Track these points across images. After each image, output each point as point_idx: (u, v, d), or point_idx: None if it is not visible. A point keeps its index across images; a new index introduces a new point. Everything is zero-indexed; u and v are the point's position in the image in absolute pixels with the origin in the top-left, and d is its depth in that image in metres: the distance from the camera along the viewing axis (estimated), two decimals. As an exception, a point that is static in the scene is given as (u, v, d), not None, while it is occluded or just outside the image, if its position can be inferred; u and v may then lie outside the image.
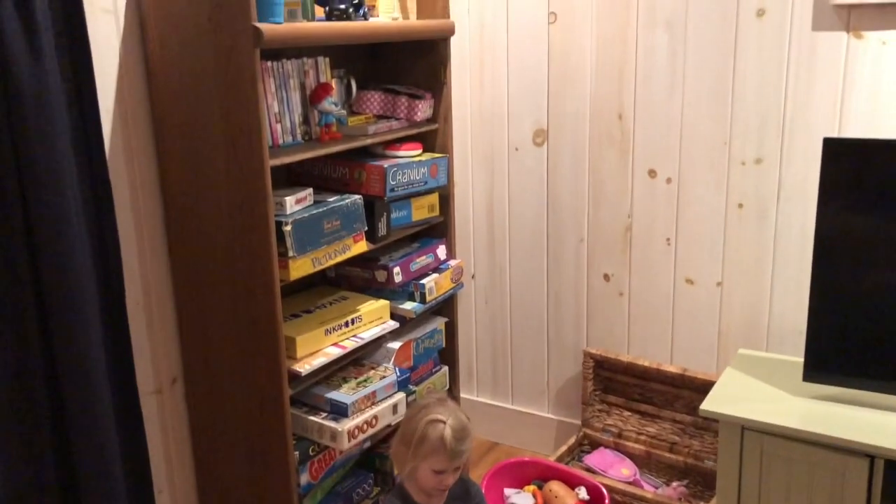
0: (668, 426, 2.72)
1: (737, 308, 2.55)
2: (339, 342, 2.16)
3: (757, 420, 2.10)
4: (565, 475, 2.62)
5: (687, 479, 2.62)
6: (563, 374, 2.95)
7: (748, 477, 2.16)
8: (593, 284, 2.81)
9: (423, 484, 2.03)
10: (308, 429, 2.10)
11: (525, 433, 3.02)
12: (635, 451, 2.75)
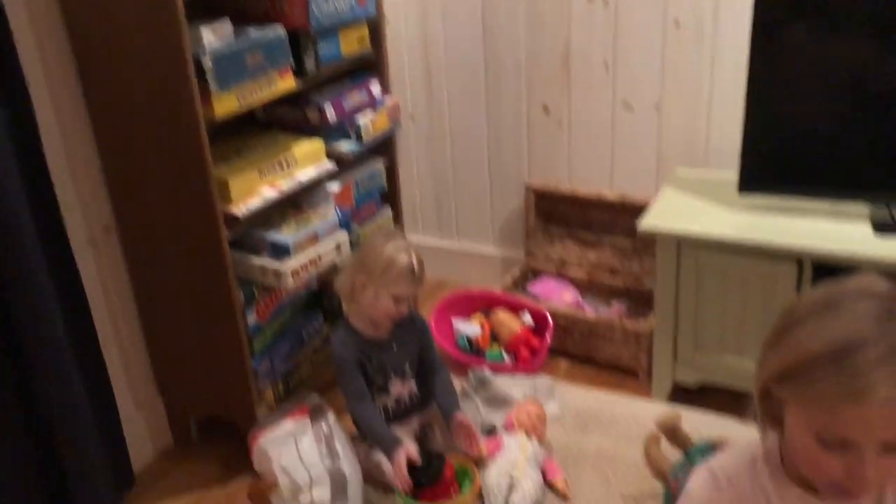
0: (609, 251, 2.79)
1: (675, 130, 2.56)
2: (275, 183, 2.11)
3: (692, 234, 2.16)
4: (511, 303, 2.69)
5: (627, 299, 2.71)
6: (505, 208, 2.97)
7: (685, 290, 2.24)
8: (533, 116, 2.77)
9: (378, 313, 2.07)
10: (251, 271, 2.09)
11: (471, 269, 3.07)
12: (578, 277, 2.83)
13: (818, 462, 0.90)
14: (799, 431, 0.91)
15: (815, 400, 0.87)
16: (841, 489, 0.91)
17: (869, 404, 0.83)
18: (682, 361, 2.33)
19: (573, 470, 2.14)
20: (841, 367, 0.84)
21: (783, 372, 0.91)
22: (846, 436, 0.86)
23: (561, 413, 2.35)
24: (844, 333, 0.86)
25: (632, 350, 2.51)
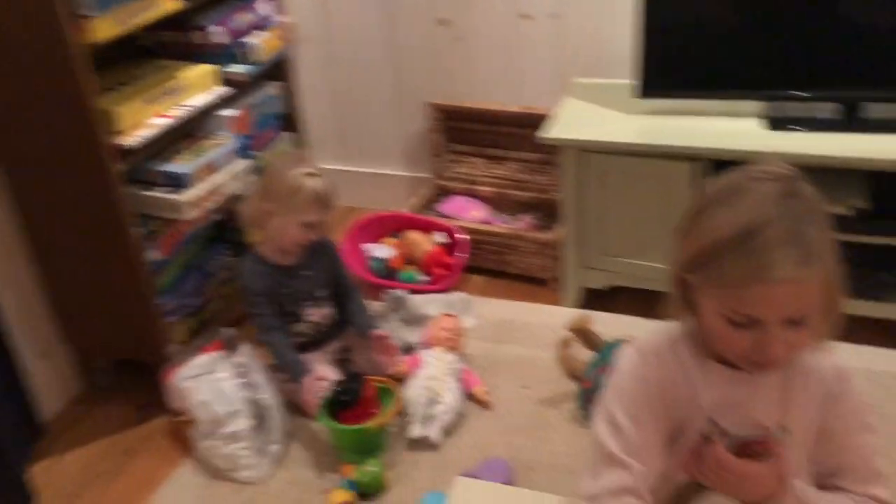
0: (516, 166, 2.80)
1: (574, 38, 2.55)
2: (165, 112, 2.01)
3: (593, 141, 2.18)
4: (421, 224, 2.68)
5: (536, 212, 2.74)
6: (410, 129, 2.93)
7: (589, 198, 2.28)
8: (432, 33, 2.72)
9: (287, 241, 2.02)
10: (148, 204, 2.00)
11: (379, 192, 3.03)
12: (486, 194, 2.84)
13: (730, 340, 0.95)
14: (711, 313, 0.95)
15: (724, 283, 0.91)
16: (753, 361, 0.96)
17: (772, 283, 0.87)
18: (591, 267, 2.39)
19: (492, 379, 2.19)
20: (746, 249, 0.88)
21: (694, 259, 0.94)
22: (753, 314, 0.90)
23: (477, 326, 2.38)
24: (748, 217, 0.89)
25: (542, 260, 2.55)
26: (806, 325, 0.92)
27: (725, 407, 1.02)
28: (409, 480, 1.90)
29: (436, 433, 1.98)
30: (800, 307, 0.90)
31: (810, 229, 0.89)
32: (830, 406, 1.02)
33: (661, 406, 1.03)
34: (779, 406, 1.02)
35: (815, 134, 2.08)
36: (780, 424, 1.02)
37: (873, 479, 1.03)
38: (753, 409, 1.01)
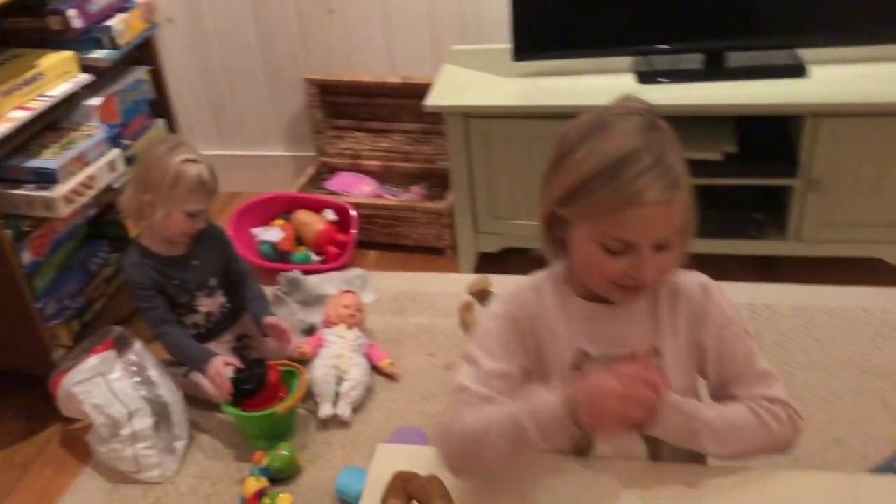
0: (400, 138, 2.79)
1: (449, 5, 2.55)
2: (24, 104, 1.88)
3: (475, 105, 2.20)
4: (310, 203, 2.64)
5: (425, 182, 2.75)
6: (288, 107, 2.86)
7: (476, 163, 2.30)
8: (302, 7, 2.65)
9: (172, 231, 1.94)
10: (16, 204, 1.88)
11: (262, 176, 2.95)
12: (373, 168, 2.81)
13: (604, 267, 0.98)
14: (585, 244, 0.99)
15: (597, 212, 0.95)
16: (625, 288, 1.00)
17: (644, 206, 0.93)
18: (484, 231, 2.42)
19: (397, 351, 2.19)
20: (617, 178, 0.93)
21: (566, 194, 0.98)
22: (626, 238, 0.96)
23: (377, 300, 2.38)
24: (616, 149, 0.95)
25: (436, 229, 2.56)
26: (671, 249, 0.99)
27: (594, 339, 1.05)
28: (324, 460, 1.88)
29: (346, 411, 1.97)
30: (667, 230, 0.96)
31: (672, 157, 0.96)
32: (700, 322, 1.06)
33: (519, 342, 1.06)
34: (649, 332, 1.06)
35: (682, 84, 2.17)
36: (652, 347, 1.06)
37: (760, 380, 1.05)
38: (623, 339, 1.05)
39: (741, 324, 1.08)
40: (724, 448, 1.04)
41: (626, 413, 0.93)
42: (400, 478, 0.99)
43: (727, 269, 2.33)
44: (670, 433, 1.02)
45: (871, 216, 2.16)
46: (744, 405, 1.04)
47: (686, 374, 1.08)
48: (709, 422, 1.02)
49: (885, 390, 1.92)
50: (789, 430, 1.04)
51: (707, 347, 1.07)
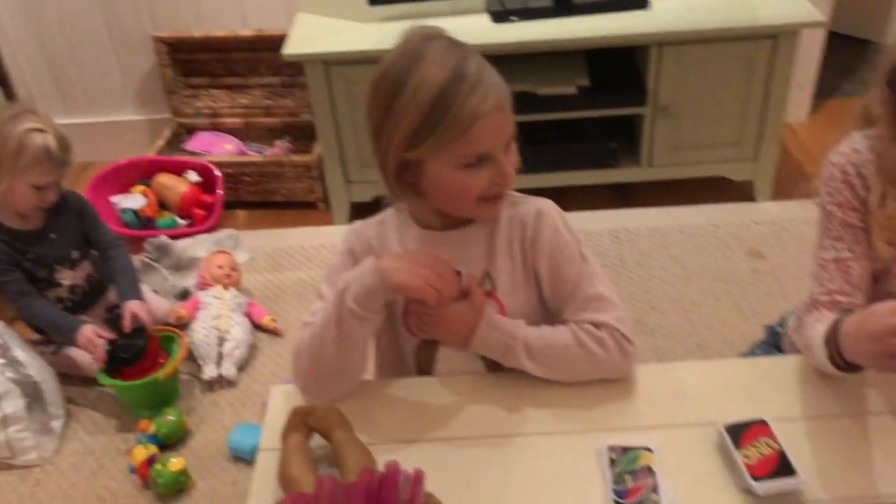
0: (259, 93, 2.72)
1: (294, -46, 2.50)
2: None
3: (336, 52, 2.18)
4: (170, 166, 2.54)
5: (289, 136, 2.70)
6: (137, 68, 2.73)
7: (341, 112, 2.29)
8: (141, -40, 2.52)
9: (20, 205, 1.83)
10: None
11: (115, 143, 2.81)
12: (233, 125, 2.73)
13: (470, 186, 1.01)
14: (445, 174, 1.00)
15: (449, 139, 0.96)
16: (492, 200, 1.04)
17: (487, 117, 0.96)
18: (355, 181, 2.42)
19: (279, 307, 2.17)
20: (454, 101, 0.95)
21: (411, 137, 0.97)
22: (483, 151, 0.99)
23: (252, 259, 2.34)
24: (440, 75, 0.95)
25: (306, 183, 2.54)
26: (513, 144, 1.03)
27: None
28: (213, 420, 1.86)
29: (231, 370, 1.95)
30: (510, 128, 1.01)
31: (485, 63, 0.99)
32: (535, 246, 1.09)
33: None
34: (484, 256, 1.10)
35: (534, 22, 2.23)
36: (486, 272, 1.10)
37: (590, 305, 1.06)
38: (458, 263, 1.06)
39: (577, 248, 1.09)
40: (543, 368, 1.06)
41: (435, 283, 0.97)
42: (298, 412, 1.01)
43: (589, 199, 2.47)
44: (488, 349, 1.07)
45: (713, 137, 2.33)
46: (567, 328, 1.06)
47: (525, 297, 1.11)
48: (525, 340, 1.05)
49: (736, 294, 2.10)
50: (616, 355, 1.04)
51: (541, 271, 1.09)
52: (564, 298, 1.09)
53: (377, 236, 1.12)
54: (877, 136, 1.04)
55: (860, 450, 0.96)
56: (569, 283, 1.08)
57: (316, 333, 1.04)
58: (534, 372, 1.07)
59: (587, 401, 1.06)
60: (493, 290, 1.10)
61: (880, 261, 1.07)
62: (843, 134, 1.11)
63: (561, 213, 1.12)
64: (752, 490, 0.90)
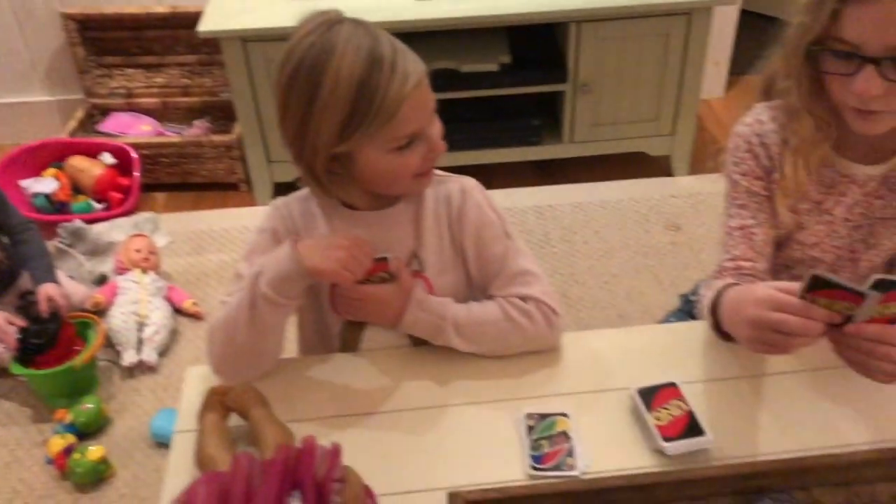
0: (176, 72, 2.65)
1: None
2: None
3: (254, 28, 2.14)
4: (84, 147, 2.45)
5: (208, 116, 2.64)
6: (45, 47, 2.62)
7: (261, 90, 2.24)
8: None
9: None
10: None
11: (24, 125, 2.70)
12: (150, 105, 2.66)
13: (405, 167, 1.00)
14: (378, 159, 0.98)
15: (380, 126, 0.94)
16: (426, 174, 1.03)
17: (411, 96, 0.94)
18: (277, 161, 2.38)
19: (200, 290, 2.13)
20: (378, 86, 0.92)
21: (339, 131, 0.94)
22: (412, 131, 0.97)
23: (171, 242, 2.29)
24: (358, 61, 0.92)
25: (226, 164, 2.48)
26: (435, 115, 1.02)
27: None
28: (134, 407, 1.82)
29: (151, 355, 1.91)
30: (432, 99, 1.00)
31: (395, 41, 0.96)
32: (459, 224, 1.09)
33: None
34: (411, 236, 1.09)
35: (456, -1, 2.23)
36: (413, 252, 1.09)
37: (517, 279, 1.07)
38: (387, 244, 1.05)
39: (502, 226, 1.09)
40: (473, 345, 1.06)
41: (350, 266, 0.96)
42: (215, 392, 0.99)
43: (513, 176, 2.49)
44: (419, 329, 1.06)
45: (632, 114, 2.37)
46: (495, 303, 1.07)
47: (453, 276, 1.11)
48: (454, 319, 1.05)
49: (656, 267, 2.16)
50: (543, 327, 1.06)
51: (467, 250, 1.10)
52: (491, 275, 1.09)
53: (301, 213, 1.10)
54: (781, 107, 1.07)
55: (763, 409, 1.00)
56: (495, 261, 1.09)
57: (229, 316, 1.02)
58: (464, 349, 1.07)
59: (508, 371, 1.07)
60: (422, 269, 1.10)
61: (783, 228, 1.11)
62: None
63: (484, 191, 1.12)
64: (662, 450, 0.93)
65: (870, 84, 0.90)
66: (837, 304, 0.80)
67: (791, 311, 0.82)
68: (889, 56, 0.89)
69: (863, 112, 0.95)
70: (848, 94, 0.94)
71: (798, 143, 1.03)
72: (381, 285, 1.04)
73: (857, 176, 1.05)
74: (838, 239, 1.11)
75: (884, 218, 1.07)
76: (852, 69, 0.92)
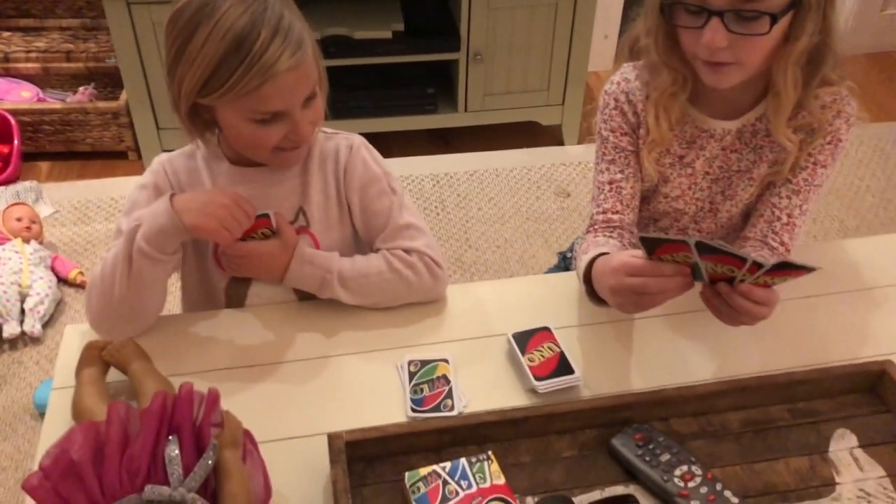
0: (58, 35, 2.54)
1: None
2: None
3: (139, -10, 2.07)
4: (-43, 114, 2.33)
5: (93, 81, 2.54)
6: (-89, 6, 2.46)
7: (147, 54, 2.18)
8: None
9: None
10: None
11: None
12: (30, 70, 2.53)
13: (263, 139, 0.99)
14: (237, 124, 0.98)
15: (239, 93, 0.93)
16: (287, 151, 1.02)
17: (278, 78, 0.93)
18: (166, 128, 2.33)
19: (88, 260, 2.08)
20: (245, 57, 0.91)
21: (201, 85, 0.94)
22: (274, 109, 0.96)
23: (56, 212, 2.21)
24: (234, 26, 0.91)
25: (113, 131, 2.41)
26: (316, 98, 1.01)
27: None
28: (18, 379, 1.76)
29: (35, 326, 1.85)
30: (307, 87, 0.98)
31: (289, 18, 0.95)
32: (347, 181, 1.10)
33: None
34: (297, 193, 1.10)
35: (349, -34, 2.23)
36: (299, 207, 1.10)
37: (402, 233, 1.09)
38: (273, 200, 1.06)
39: (387, 181, 1.11)
40: (359, 297, 1.08)
41: (228, 224, 0.96)
42: (91, 347, 0.98)
43: (410, 144, 2.52)
44: (304, 283, 1.07)
45: (524, 84, 2.43)
46: (380, 255, 1.09)
47: (339, 231, 1.13)
48: (339, 271, 1.06)
49: (546, 232, 2.23)
50: (427, 278, 1.08)
51: (353, 204, 1.11)
52: (376, 230, 1.11)
53: (185, 170, 1.09)
54: (644, 65, 1.13)
55: (627, 350, 1.06)
56: (381, 216, 1.10)
57: (107, 271, 1.00)
58: (349, 301, 1.08)
59: (393, 322, 1.10)
60: (307, 225, 1.11)
61: (649, 181, 1.18)
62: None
63: (370, 148, 1.14)
64: (535, 389, 0.98)
65: (716, 35, 0.97)
66: (679, 256, 0.86)
67: (645, 273, 0.88)
68: (732, 9, 0.95)
69: (712, 64, 1.01)
70: (698, 47, 1.00)
71: (658, 97, 1.10)
72: (263, 241, 1.04)
73: (716, 131, 1.13)
74: (699, 191, 1.18)
75: (739, 171, 1.15)
76: (700, 22, 0.98)
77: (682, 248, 0.84)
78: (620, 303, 0.94)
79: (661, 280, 0.87)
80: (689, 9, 0.99)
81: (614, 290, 0.93)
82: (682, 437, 0.93)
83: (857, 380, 0.99)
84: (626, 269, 0.90)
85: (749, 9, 0.95)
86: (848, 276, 1.19)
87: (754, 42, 0.98)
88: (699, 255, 0.84)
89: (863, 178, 2.46)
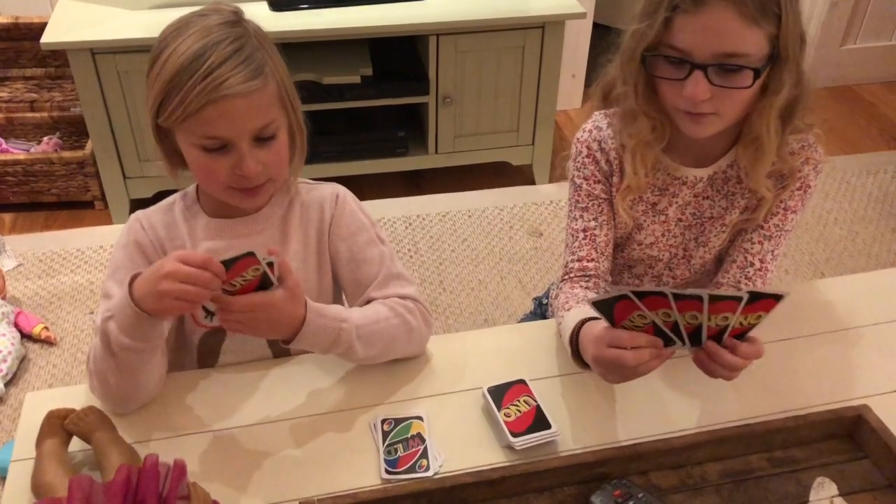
0: (22, 85, 2.51)
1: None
2: None
3: (104, 40, 2.06)
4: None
5: (58, 131, 2.51)
6: None
7: (113, 104, 2.16)
8: None
9: None
10: None
11: None
12: (-7, 121, 2.50)
13: (211, 170, 0.97)
14: (189, 150, 0.96)
15: (186, 112, 0.92)
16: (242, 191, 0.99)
17: (224, 101, 0.92)
18: (132, 177, 2.30)
19: (53, 314, 2.03)
20: (195, 74, 0.91)
21: (159, 103, 0.94)
22: (217, 135, 0.94)
23: (20, 265, 2.16)
24: (193, 45, 0.92)
25: (79, 181, 2.37)
26: (275, 140, 0.98)
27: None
28: (-22, 442, 1.70)
29: (-3, 385, 1.79)
30: (259, 121, 0.95)
31: (253, 47, 0.95)
32: (333, 230, 1.09)
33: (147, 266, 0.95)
34: (277, 243, 1.07)
35: (314, 11, 2.22)
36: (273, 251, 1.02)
37: (393, 281, 1.08)
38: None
39: (374, 231, 1.10)
40: (368, 348, 1.02)
41: (182, 292, 0.86)
42: (53, 416, 0.95)
43: (382, 187, 2.51)
44: (318, 338, 0.98)
45: (493, 125, 2.44)
46: (380, 303, 1.06)
47: (315, 282, 1.11)
48: (353, 320, 1.00)
49: (520, 272, 2.22)
50: (423, 325, 1.07)
51: (339, 253, 1.09)
52: (367, 278, 1.08)
53: (163, 224, 1.07)
54: (617, 113, 1.13)
55: (604, 400, 1.05)
56: (371, 264, 1.09)
57: (98, 362, 0.97)
58: (360, 355, 1.02)
59: (366, 379, 1.08)
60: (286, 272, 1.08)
61: (623, 228, 1.17)
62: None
63: (355, 198, 1.14)
64: (511, 446, 0.96)
65: (698, 88, 0.97)
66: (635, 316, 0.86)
67: (623, 343, 0.87)
68: (715, 63, 0.96)
69: (692, 115, 1.01)
70: (679, 98, 1.00)
71: (635, 145, 1.09)
72: (265, 292, 0.91)
73: (688, 178, 1.13)
74: (672, 238, 1.18)
75: (712, 217, 1.15)
76: (682, 74, 0.98)
77: (632, 306, 0.84)
78: (603, 372, 0.93)
79: (638, 352, 0.86)
80: (671, 60, 0.99)
81: (596, 360, 0.92)
82: (661, 492, 0.92)
83: (834, 426, 0.98)
84: (607, 339, 0.89)
85: (732, 63, 0.96)
86: (821, 317, 1.19)
87: (736, 94, 0.98)
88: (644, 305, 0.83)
89: (830, 211, 2.49)
